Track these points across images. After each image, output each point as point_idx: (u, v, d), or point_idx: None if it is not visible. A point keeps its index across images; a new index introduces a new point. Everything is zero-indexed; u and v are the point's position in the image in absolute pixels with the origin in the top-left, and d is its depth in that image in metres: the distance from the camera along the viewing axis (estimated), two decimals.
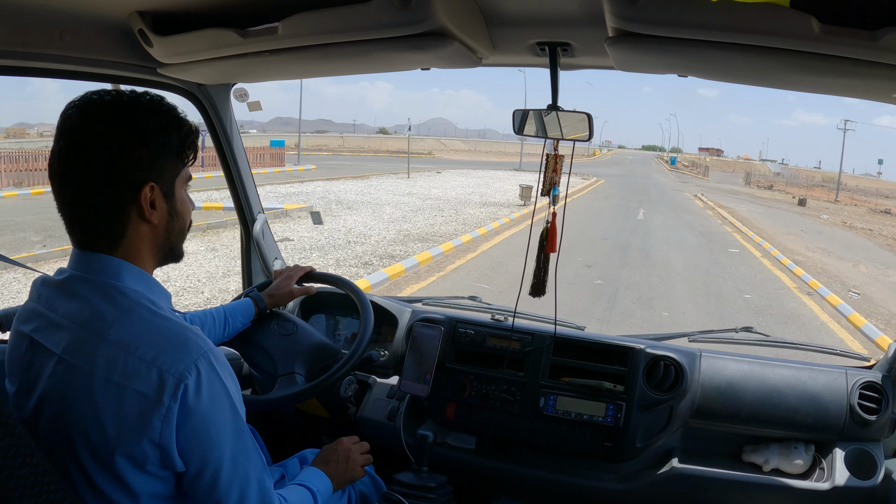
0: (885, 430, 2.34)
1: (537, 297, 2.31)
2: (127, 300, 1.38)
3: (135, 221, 1.42)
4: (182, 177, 1.50)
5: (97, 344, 1.33)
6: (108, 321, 1.35)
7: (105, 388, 1.31)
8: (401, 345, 2.74)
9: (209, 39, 1.89)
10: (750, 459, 2.42)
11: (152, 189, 1.41)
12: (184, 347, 1.35)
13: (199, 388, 1.34)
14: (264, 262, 3.06)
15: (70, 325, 1.37)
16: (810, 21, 1.31)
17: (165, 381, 1.31)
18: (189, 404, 1.33)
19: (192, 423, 1.34)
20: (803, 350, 2.73)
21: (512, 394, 2.53)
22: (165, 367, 1.32)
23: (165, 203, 1.45)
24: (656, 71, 1.86)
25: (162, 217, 1.45)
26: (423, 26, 1.62)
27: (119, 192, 1.38)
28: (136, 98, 1.42)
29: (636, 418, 2.43)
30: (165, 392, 1.31)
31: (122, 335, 1.33)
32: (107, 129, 1.37)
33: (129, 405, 1.31)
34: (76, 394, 1.33)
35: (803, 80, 1.68)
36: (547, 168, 2.20)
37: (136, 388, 1.31)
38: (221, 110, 2.70)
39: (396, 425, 2.63)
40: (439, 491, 2.26)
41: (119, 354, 1.32)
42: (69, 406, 1.34)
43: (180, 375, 1.32)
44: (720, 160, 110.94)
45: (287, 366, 2.27)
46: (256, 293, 2.40)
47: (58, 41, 1.92)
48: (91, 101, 1.40)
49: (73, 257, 1.45)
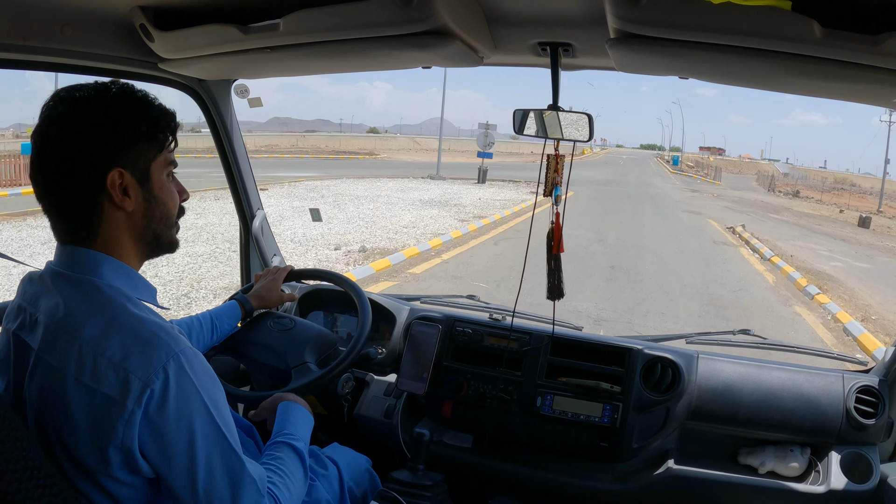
0: (881, 434, 2.34)
1: (556, 300, 2.30)
2: (102, 296, 1.36)
3: (108, 210, 1.40)
4: (160, 161, 1.46)
5: (69, 343, 1.31)
6: (81, 319, 1.32)
7: (76, 389, 1.28)
8: (398, 343, 2.73)
9: (210, 35, 1.89)
10: (746, 462, 2.42)
11: (121, 175, 1.38)
12: (153, 348, 1.31)
13: (167, 392, 1.30)
14: (263, 258, 3.06)
15: (46, 322, 1.36)
16: (812, 25, 1.32)
17: (131, 384, 1.27)
18: (154, 409, 1.29)
19: (157, 428, 1.30)
20: (800, 353, 2.74)
21: (509, 393, 2.53)
22: (132, 370, 1.28)
23: (140, 189, 1.42)
24: (657, 72, 1.86)
25: (138, 203, 1.42)
26: (424, 25, 1.62)
27: (86, 181, 1.37)
28: (103, 88, 1.41)
29: (633, 419, 2.43)
30: (130, 396, 1.27)
31: (92, 334, 1.30)
32: (69, 120, 1.37)
33: (97, 408, 1.28)
34: (51, 394, 1.31)
35: (804, 83, 1.68)
36: (548, 168, 2.20)
37: (104, 390, 1.27)
38: (222, 106, 2.70)
39: (393, 423, 2.63)
40: (435, 489, 2.26)
41: (88, 354, 1.29)
42: (46, 407, 1.32)
43: (147, 379, 1.28)
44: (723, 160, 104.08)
45: (297, 357, 2.26)
46: (242, 295, 2.39)
47: (59, 35, 1.92)
48: (59, 98, 1.40)
49: (56, 252, 1.44)
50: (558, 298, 2.31)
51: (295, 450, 1.71)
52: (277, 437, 1.74)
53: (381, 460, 2.45)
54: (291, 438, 1.74)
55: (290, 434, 1.76)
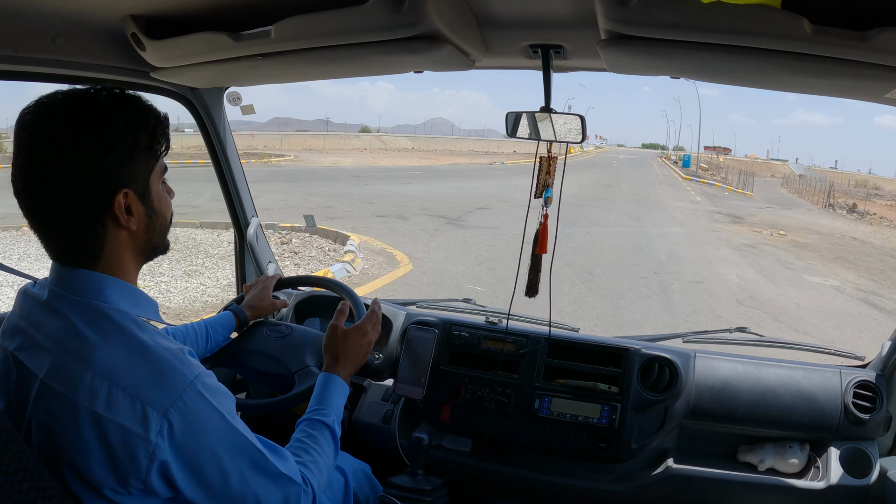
0: (879, 428, 2.34)
1: (531, 297, 2.32)
2: (110, 323, 1.31)
3: (112, 232, 1.35)
4: (157, 171, 1.41)
5: (80, 371, 1.27)
6: (92, 346, 1.28)
7: (89, 419, 1.25)
8: (395, 347, 2.73)
9: (202, 43, 1.89)
10: (745, 459, 2.42)
11: (126, 195, 1.33)
12: (169, 378, 1.28)
13: (187, 420, 1.28)
14: (258, 265, 3.06)
15: (52, 347, 1.31)
16: (802, 22, 1.32)
17: (150, 416, 1.25)
18: (177, 439, 1.27)
19: (183, 455, 1.29)
20: (797, 350, 2.74)
21: (507, 396, 2.53)
22: (150, 402, 1.26)
23: (142, 205, 1.38)
24: (649, 73, 1.86)
25: (140, 220, 1.38)
26: (415, 29, 1.63)
27: (90, 206, 1.31)
28: (93, 96, 1.33)
29: (631, 419, 2.43)
30: (151, 428, 1.25)
31: (105, 363, 1.27)
32: (68, 137, 1.28)
33: (115, 439, 1.25)
34: (60, 422, 1.27)
35: (795, 80, 1.69)
36: (540, 170, 2.21)
37: (121, 421, 1.25)
38: (215, 114, 2.70)
39: (391, 428, 2.63)
40: (435, 493, 2.25)
41: (102, 384, 1.25)
42: (54, 434, 1.28)
43: (165, 411, 1.26)
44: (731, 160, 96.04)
45: (298, 361, 2.25)
46: (236, 306, 2.38)
47: (50, 45, 1.92)
48: (46, 106, 1.31)
49: (54, 272, 1.39)
50: (533, 296, 2.32)
51: (330, 430, 1.72)
52: (315, 415, 1.74)
53: (380, 466, 2.45)
54: (327, 416, 1.75)
55: (326, 411, 1.77)
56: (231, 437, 1.37)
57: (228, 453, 1.36)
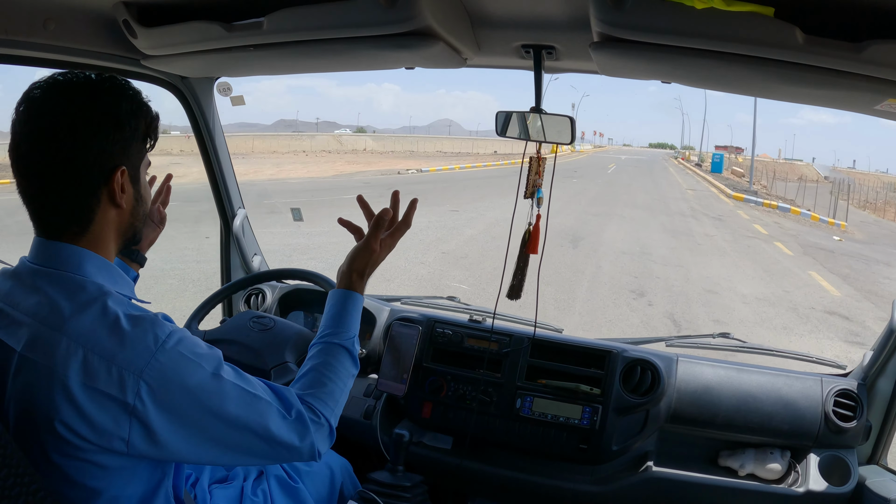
0: (859, 437, 2.36)
1: (514, 299, 2.32)
2: (86, 294, 1.33)
3: (104, 207, 1.39)
4: (145, 161, 1.49)
5: (56, 340, 1.28)
6: (66, 316, 1.30)
7: (66, 386, 1.27)
8: (378, 343, 2.73)
9: (194, 32, 1.88)
10: (726, 464, 2.44)
11: (122, 173, 1.39)
12: (141, 341, 1.30)
13: (166, 378, 1.30)
14: (243, 257, 3.05)
15: (29, 321, 1.32)
16: (794, 31, 1.33)
17: (126, 379, 1.27)
18: (158, 399, 1.29)
19: (167, 414, 1.31)
20: (779, 357, 2.76)
21: (489, 395, 2.53)
22: (125, 365, 1.27)
23: (132, 188, 1.44)
24: (640, 76, 1.86)
25: (129, 202, 1.43)
26: (408, 25, 1.62)
27: (92, 178, 1.36)
28: (104, 80, 1.40)
29: (612, 421, 2.44)
30: (128, 391, 1.27)
31: (79, 330, 1.29)
32: (81, 112, 1.34)
33: (93, 404, 1.27)
34: (39, 391, 1.29)
35: (786, 90, 1.69)
36: (530, 171, 2.21)
37: (99, 387, 1.27)
38: (204, 104, 2.69)
39: (373, 424, 2.63)
40: (414, 490, 2.26)
41: (77, 351, 1.27)
42: (34, 404, 1.29)
43: (140, 372, 1.28)
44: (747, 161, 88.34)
45: (277, 357, 2.24)
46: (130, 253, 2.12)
47: (42, 30, 1.91)
48: (60, 83, 1.37)
49: (35, 247, 1.40)
50: (515, 298, 2.32)
51: (349, 352, 1.70)
52: (332, 338, 1.70)
53: (360, 461, 2.45)
54: (345, 338, 1.72)
55: (344, 332, 1.73)
56: (220, 386, 1.37)
57: (220, 404, 1.37)
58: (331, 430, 1.57)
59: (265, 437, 1.43)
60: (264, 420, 1.43)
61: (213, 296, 2.53)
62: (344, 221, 1.93)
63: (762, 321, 9.33)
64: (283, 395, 1.49)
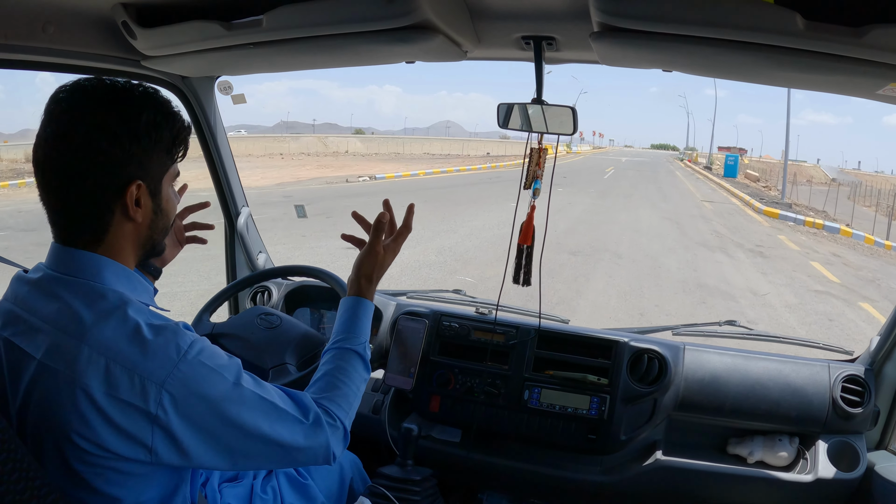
0: (867, 422, 2.36)
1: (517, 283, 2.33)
2: (106, 303, 1.33)
3: (118, 219, 1.37)
4: (170, 174, 1.45)
5: (77, 348, 1.28)
6: (87, 324, 1.30)
7: (88, 395, 1.26)
8: (385, 338, 2.73)
9: (193, 32, 1.88)
10: (734, 452, 2.44)
11: (139, 187, 1.36)
12: (163, 350, 1.30)
13: (188, 388, 1.30)
14: (248, 255, 3.05)
15: (48, 329, 1.32)
16: (795, 17, 1.32)
17: (148, 389, 1.27)
18: (181, 408, 1.30)
19: (189, 423, 1.31)
20: (786, 343, 2.75)
21: (496, 387, 2.53)
22: (147, 375, 1.27)
23: (151, 201, 1.41)
24: (640, 65, 1.86)
25: (147, 215, 1.41)
26: (407, 19, 1.62)
27: (104, 188, 1.33)
28: (129, 89, 1.37)
29: (620, 411, 2.44)
30: (150, 401, 1.27)
31: (101, 340, 1.28)
32: (97, 119, 1.31)
33: (116, 414, 1.27)
34: (60, 400, 1.28)
35: (788, 76, 1.69)
36: (531, 162, 2.21)
37: (122, 396, 1.27)
38: (205, 103, 2.69)
39: (381, 419, 2.63)
40: (424, 484, 2.26)
41: (99, 360, 1.27)
42: (53, 412, 1.29)
43: (162, 382, 1.28)
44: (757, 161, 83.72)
45: (277, 357, 2.24)
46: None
47: (41, 33, 1.91)
48: (82, 89, 1.35)
49: (52, 253, 1.40)
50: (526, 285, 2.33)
51: (361, 357, 1.72)
52: (345, 343, 1.72)
53: (369, 456, 2.45)
54: (357, 343, 1.73)
55: (356, 337, 1.74)
56: (240, 395, 1.38)
57: (240, 413, 1.37)
58: (345, 433, 1.58)
59: (283, 444, 1.44)
60: (283, 428, 1.43)
61: (224, 290, 2.54)
62: (348, 237, 1.99)
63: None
64: (300, 400, 1.50)
